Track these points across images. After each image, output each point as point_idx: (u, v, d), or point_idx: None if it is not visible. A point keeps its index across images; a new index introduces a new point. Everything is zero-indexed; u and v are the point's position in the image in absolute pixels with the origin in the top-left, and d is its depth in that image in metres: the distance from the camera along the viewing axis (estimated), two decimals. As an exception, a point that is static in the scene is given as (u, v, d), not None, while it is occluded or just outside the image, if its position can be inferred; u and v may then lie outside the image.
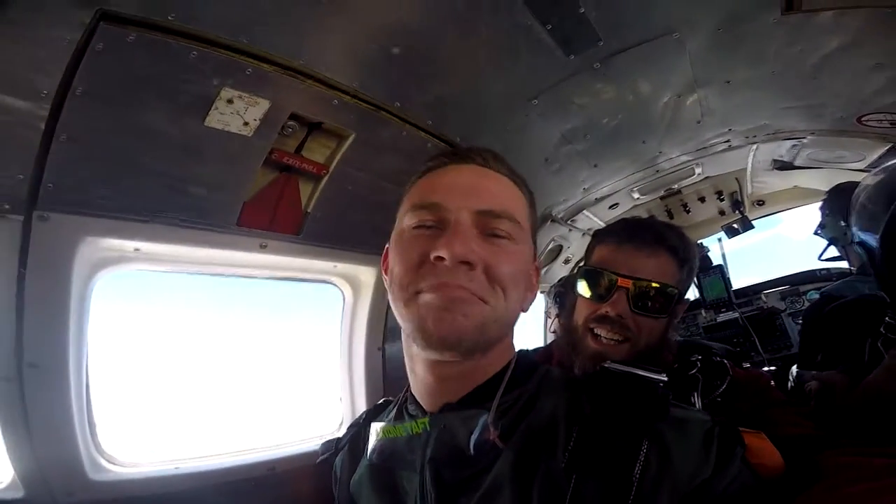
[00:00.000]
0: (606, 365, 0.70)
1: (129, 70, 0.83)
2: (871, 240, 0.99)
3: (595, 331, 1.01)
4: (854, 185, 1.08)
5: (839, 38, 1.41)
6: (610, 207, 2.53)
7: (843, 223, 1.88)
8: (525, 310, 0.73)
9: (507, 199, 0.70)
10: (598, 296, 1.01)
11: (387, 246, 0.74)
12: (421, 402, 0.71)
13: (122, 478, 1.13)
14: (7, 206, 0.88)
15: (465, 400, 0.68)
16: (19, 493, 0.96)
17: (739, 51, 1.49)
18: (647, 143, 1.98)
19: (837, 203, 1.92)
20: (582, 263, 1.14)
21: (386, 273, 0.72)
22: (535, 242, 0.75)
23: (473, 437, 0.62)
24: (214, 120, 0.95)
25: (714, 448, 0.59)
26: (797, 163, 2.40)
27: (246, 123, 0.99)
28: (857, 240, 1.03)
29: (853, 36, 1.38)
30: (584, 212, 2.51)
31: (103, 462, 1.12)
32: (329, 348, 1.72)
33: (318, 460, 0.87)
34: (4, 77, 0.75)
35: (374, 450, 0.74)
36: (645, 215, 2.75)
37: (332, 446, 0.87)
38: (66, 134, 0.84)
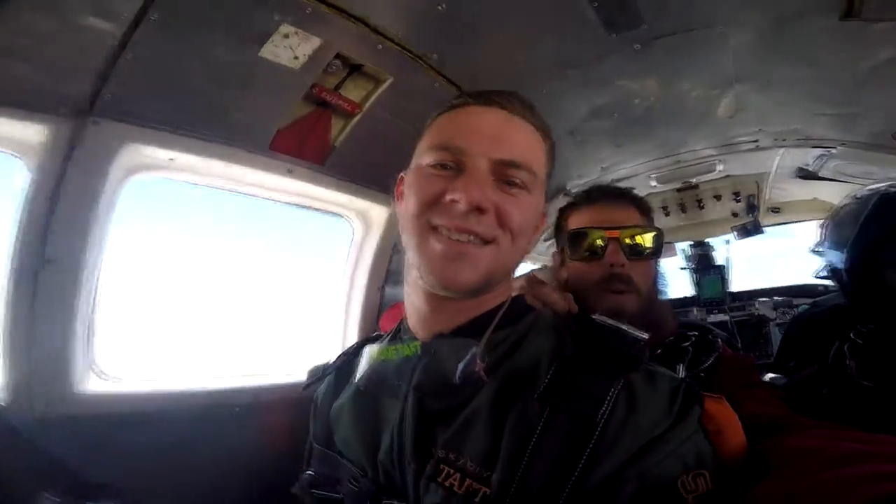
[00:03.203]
0: (595, 317, 0.74)
1: (203, 1, 0.94)
2: (837, 260, 1.09)
3: (603, 289, 1.08)
4: None
5: (895, 49, 1.45)
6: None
7: None
8: (528, 252, 0.79)
9: (526, 149, 0.72)
10: (593, 253, 1.09)
11: (401, 174, 0.79)
12: (414, 331, 0.76)
13: (107, 391, 1.18)
14: (63, 110, 0.99)
15: (457, 332, 0.72)
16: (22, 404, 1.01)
17: (786, 51, 1.54)
18: (674, 132, 2.06)
19: None
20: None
21: (399, 200, 0.78)
22: (547, 188, 0.78)
23: (461, 367, 0.66)
24: (268, 52, 1.07)
25: (677, 403, 0.63)
26: (822, 174, 2.49)
27: (296, 58, 1.11)
28: (826, 258, 1.13)
29: (911, 49, 1.41)
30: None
31: (92, 374, 1.17)
32: (330, 284, 1.87)
33: (304, 387, 0.91)
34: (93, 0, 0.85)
35: (362, 376, 0.78)
36: (659, 205, 2.87)
37: (319, 372, 0.91)
38: (133, 53, 0.95)
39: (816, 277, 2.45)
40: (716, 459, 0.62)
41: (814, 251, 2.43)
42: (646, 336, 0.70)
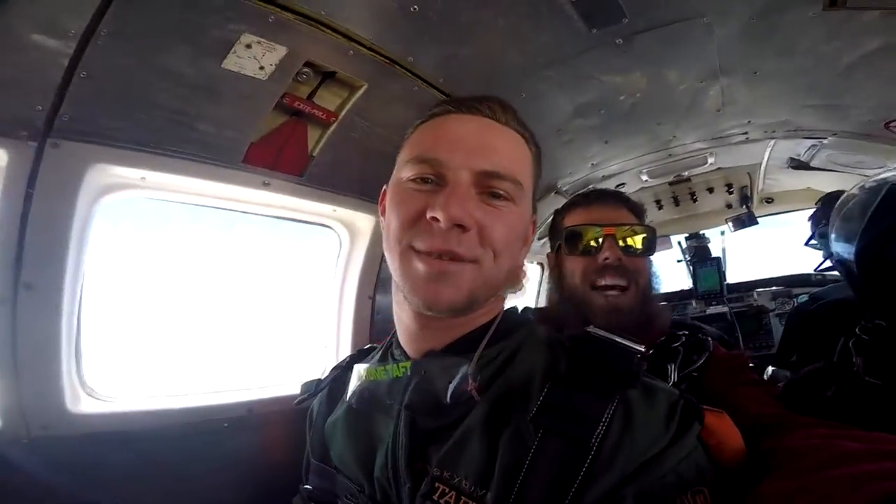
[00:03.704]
0: (590, 329, 0.72)
1: (157, 13, 0.90)
2: (846, 253, 1.08)
3: (597, 283, 1.12)
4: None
5: (882, 38, 1.44)
6: (616, 187, 2.61)
7: None
8: (519, 265, 0.77)
9: (511, 158, 0.69)
10: (588, 250, 1.13)
11: (385, 187, 0.76)
12: (405, 348, 0.75)
13: (99, 411, 1.16)
14: (24, 133, 0.96)
15: (448, 349, 0.71)
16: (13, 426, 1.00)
17: (771, 42, 1.52)
18: (663, 126, 2.03)
19: None
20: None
21: (382, 215, 0.76)
22: (535, 196, 0.77)
23: (451, 387, 0.66)
24: (232, 63, 1.02)
25: (675, 421, 0.62)
26: (813, 164, 2.47)
27: (262, 68, 1.06)
28: (834, 250, 1.12)
29: (898, 37, 1.39)
30: (591, 188, 2.60)
31: (83, 394, 1.16)
32: (319, 295, 1.83)
33: (296, 402, 0.91)
34: (38, 17, 0.82)
35: (354, 393, 0.77)
36: (651, 199, 2.85)
37: (312, 388, 0.91)
38: (86, 71, 0.91)
39: (817, 271, 2.42)
40: (716, 472, 0.62)
41: (810, 244, 2.40)
42: (642, 348, 0.69)
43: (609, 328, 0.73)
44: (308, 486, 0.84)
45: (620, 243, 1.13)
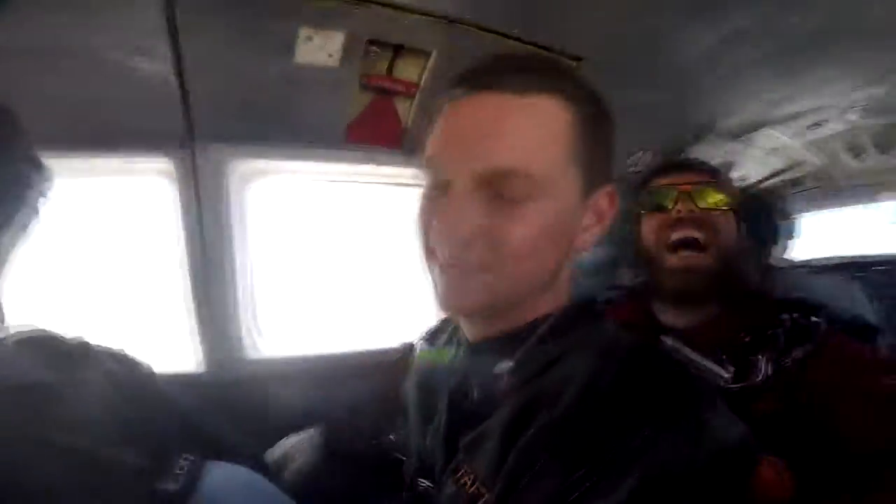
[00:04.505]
0: (664, 339, 0.67)
1: (219, 29, 1.02)
2: None
3: (671, 238, 1.07)
4: None
5: None
6: (810, 127, 1.94)
7: None
8: (582, 251, 0.67)
9: (521, 147, 0.57)
10: (664, 207, 1.10)
11: None
12: (465, 332, 0.76)
13: (269, 356, 1.44)
14: (174, 142, 1.21)
15: (502, 339, 0.69)
16: (201, 368, 1.33)
17: None
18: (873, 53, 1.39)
19: None
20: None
21: None
22: (602, 166, 0.64)
23: (485, 382, 0.66)
24: (302, 57, 1.12)
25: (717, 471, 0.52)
26: None
27: (330, 55, 1.13)
28: None
29: None
30: (767, 129, 2.00)
31: (259, 342, 1.45)
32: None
33: (395, 359, 1.00)
34: (119, 41, 0.99)
35: (417, 368, 0.84)
36: (862, 140, 2.04)
37: (408, 349, 0.98)
38: (191, 86, 1.09)
39: None
40: None
41: None
42: (726, 374, 0.64)
43: (680, 293, 0.67)
44: (392, 437, 0.96)
45: (699, 203, 1.08)
